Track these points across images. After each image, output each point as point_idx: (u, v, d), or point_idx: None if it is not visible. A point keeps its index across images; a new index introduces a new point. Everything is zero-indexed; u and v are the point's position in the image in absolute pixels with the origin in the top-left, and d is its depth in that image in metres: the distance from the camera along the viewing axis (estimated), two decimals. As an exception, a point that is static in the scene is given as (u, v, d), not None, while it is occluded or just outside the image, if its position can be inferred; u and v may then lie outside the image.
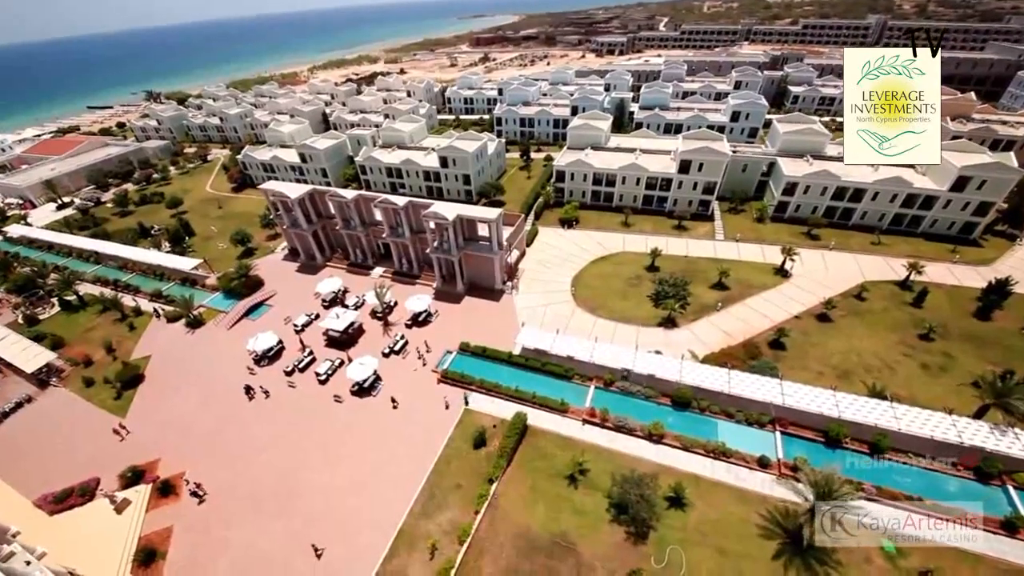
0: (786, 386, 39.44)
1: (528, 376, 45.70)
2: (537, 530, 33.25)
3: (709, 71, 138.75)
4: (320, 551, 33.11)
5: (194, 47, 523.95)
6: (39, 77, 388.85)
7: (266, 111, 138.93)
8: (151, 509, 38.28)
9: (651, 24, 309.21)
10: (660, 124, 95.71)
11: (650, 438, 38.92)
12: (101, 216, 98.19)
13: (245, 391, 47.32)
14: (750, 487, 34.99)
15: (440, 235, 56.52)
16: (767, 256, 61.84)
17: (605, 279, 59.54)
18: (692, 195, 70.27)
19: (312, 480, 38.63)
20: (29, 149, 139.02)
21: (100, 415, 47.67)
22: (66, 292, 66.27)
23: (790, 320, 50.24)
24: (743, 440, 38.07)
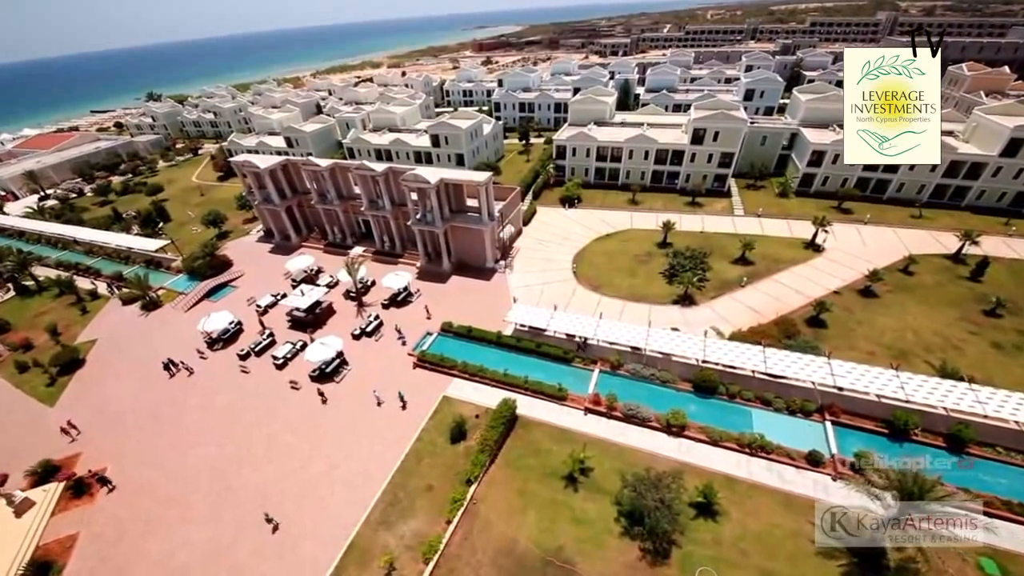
0: (836, 365, 31.96)
1: (520, 359, 38.66)
2: (526, 545, 25.86)
3: (717, 60, 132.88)
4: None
5: (204, 58, 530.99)
6: (48, 88, 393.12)
7: (260, 106, 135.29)
8: (59, 512, 31.40)
9: (655, 29, 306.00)
10: (668, 105, 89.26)
11: (668, 430, 31.56)
12: (81, 206, 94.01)
13: (164, 368, 42.00)
14: (799, 490, 27.43)
15: (423, 204, 50.02)
16: (794, 231, 54.66)
17: (611, 256, 52.53)
18: (707, 169, 63.35)
19: (250, 479, 31.60)
20: (19, 144, 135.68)
21: (27, 403, 41.23)
22: (22, 276, 60.85)
23: (828, 296, 42.83)
24: (785, 432, 30.57)
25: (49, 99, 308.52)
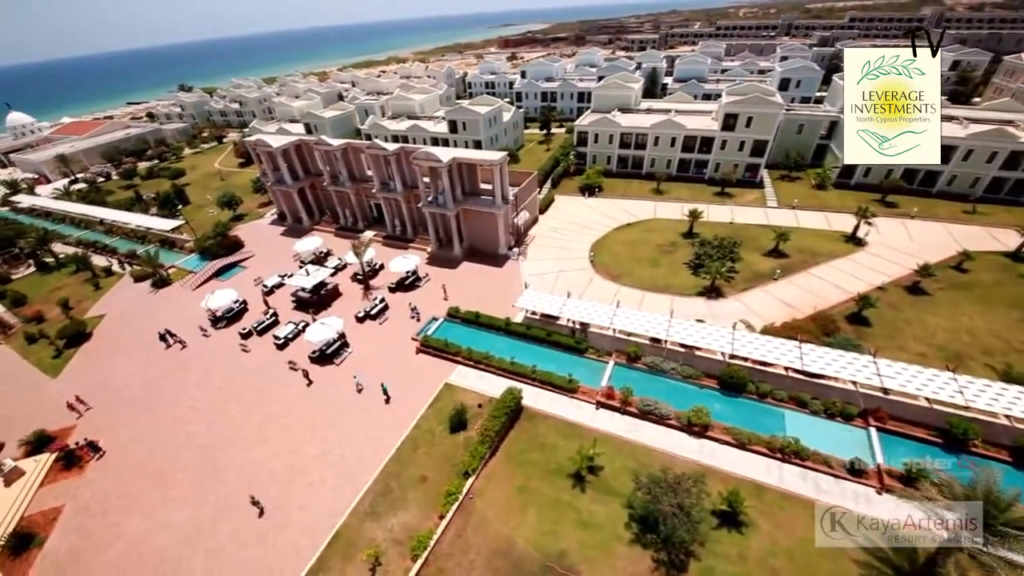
0: (884, 365, 28.39)
1: (529, 348, 36.17)
2: (524, 547, 23.37)
3: (750, 53, 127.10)
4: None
5: (238, 55, 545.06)
6: (88, 82, 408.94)
7: (284, 96, 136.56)
8: (47, 483, 30.56)
9: (684, 26, 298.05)
10: (697, 95, 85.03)
11: (689, 429, 28.58)
12: (107, 189, 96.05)
13: (160, 338, 42.05)
14: (838, 501, 24.13)
15: (435, 186, 47.98)
16: (833, 224, 50.50)
17: (632, 246, 49.44)
18: (738, 157, 59.45)
19: (239, 460, 30.04)
20: (55, 131, 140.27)
21: (31, 374, 41.15)
22: (43, 253, 61.82)
23: (872, 292, 38.87)
24: (822, 437, 27.24)
25: (89, 92, 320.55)
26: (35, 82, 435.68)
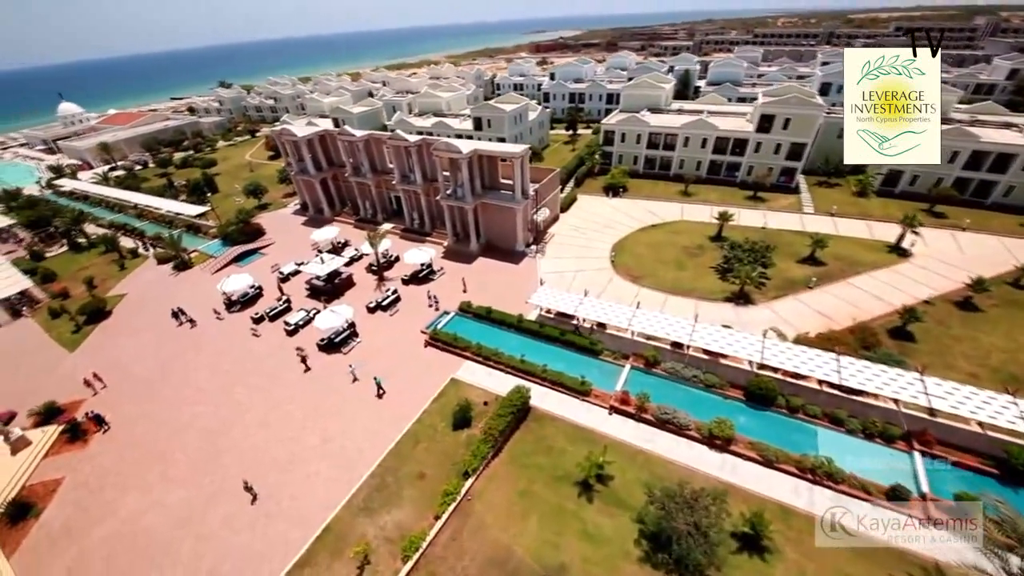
0: (932, 384, 25.60)
1: (541, 347, 34.56)
2: (522, 557, 21.68)
3: (788, 59, 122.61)
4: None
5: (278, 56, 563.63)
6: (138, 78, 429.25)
7: (316, 93, 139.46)
8: (51, 454, 30.63)
9: (720, 34, 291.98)
10: (731, 98, 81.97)
11: (711, 442, 26.40)
12: (143, 176, 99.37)
13: (173, 315, 42.85)
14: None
15: (454, 178, 47.02)
16: (875, 233, 47.16)
17: (656, 247, 47.28)
18: (773, 160, 56.53)
19: (239, 444, 29.40)
20: (101, 121, 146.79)
21: (50, 347, 42.00)
22: (76, 233, 63.90)
23: (917, 305, 35.70)
24: (859, 459, 24.62)
25: (138, 88, 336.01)
26: (91, 77, 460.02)
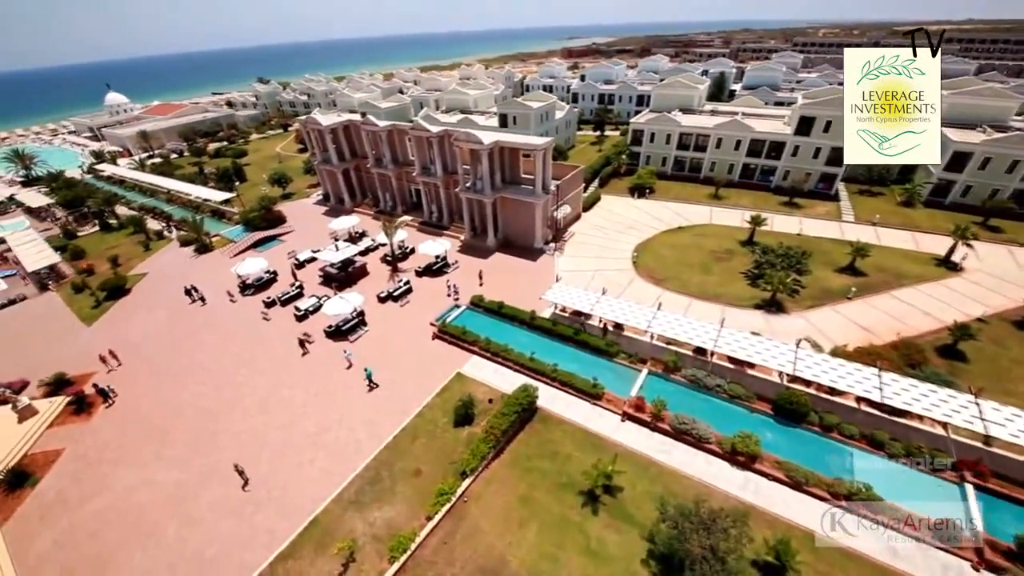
0: (989, 408, 22.66)
1: (553, 346, 32.80)
2: (517, 569, 19.90)
3: (830, 66, 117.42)
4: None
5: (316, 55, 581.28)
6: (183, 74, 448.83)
7: (347, 88, 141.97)
8: (56, 424, 30.57)
9: (758, 42, 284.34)
10: (768, 102, 78.54)
11: (733, 458, 24.08)
12: (177, 164, 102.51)
13: (185, 292, 43.58)
14: (922, 573, 18.95)
15: (474, 170, 45.89)
16: (921, 245, 43.61)
17: (682, 250, 44.93)
18: (812, 165, 53.33)
19: (236, 426, 28.66)
20: (144, 111, 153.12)
21: (70, 320, 42.81)
22: (108, 214, 65.90)
23: (970, 323, 32.34)
24: (901, 487, 21.88)
25: (183, 83, 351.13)
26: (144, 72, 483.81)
